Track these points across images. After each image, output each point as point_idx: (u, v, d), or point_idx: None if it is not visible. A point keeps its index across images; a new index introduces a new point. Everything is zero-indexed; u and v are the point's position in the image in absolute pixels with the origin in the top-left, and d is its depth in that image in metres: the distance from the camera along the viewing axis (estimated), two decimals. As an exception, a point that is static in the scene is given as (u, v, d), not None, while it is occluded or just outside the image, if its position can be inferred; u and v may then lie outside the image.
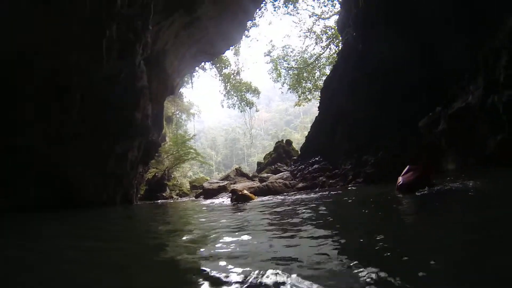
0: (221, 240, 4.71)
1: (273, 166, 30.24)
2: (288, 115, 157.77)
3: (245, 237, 4.75)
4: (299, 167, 22.90)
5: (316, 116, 24.48)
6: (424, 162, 9.05)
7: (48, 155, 14.02)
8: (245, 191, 14.94)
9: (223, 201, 15.86)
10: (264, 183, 20.22)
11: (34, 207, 12.87)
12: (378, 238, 3.70)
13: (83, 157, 15.15)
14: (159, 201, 25.14)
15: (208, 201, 18.18)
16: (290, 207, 9.16)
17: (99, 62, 14.69)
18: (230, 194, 15.06)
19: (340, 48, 26.97)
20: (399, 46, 14.92)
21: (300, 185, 19.09)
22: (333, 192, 13.21)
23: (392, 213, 6.30)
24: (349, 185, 15.77)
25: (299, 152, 27.15)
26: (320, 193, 13.77)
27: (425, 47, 14.46)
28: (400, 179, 8.17)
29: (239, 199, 13.76)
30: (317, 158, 21.36)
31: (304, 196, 13.51)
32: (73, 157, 14.74)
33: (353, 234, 4.51)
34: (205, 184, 25.82)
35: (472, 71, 11.55)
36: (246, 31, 38.96)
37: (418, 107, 13.93)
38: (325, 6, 43.25)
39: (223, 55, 42.51)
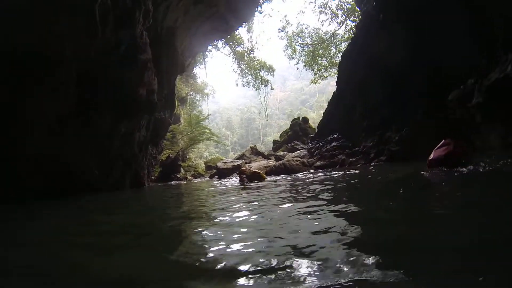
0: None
1: (289, 144, 29.55)
2: (304, 94, 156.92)
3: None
4: (317, 145, 22.07)
5: (334, 92, 23.28)
6: (459, 137, 8.12)
7: (44, 138, 12.70)
8: (255, 170, 14.20)
9: (234, 182, 15.05)
10: (280, 162, 19.51)
11: (32, 197, 11.71)
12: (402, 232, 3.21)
13: (84, 139, 14.03)
14: (172, 182, 24.44)
15: (221, 182, 17.42)
16: (307, 188, 8.23)
17: (94, 32, 13.33)
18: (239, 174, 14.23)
19: (358, 20, 25.69)
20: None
21: (319, 163, 18.32)
22: (356, 171, 12.37)
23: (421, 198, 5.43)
24: (372, 163, 14.95)
25: (316, 130, 26.11)
26: (341, 172, 12.92)
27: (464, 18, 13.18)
28: (432, 154, 7.86)
29: (249, 179, 13.01)
30: (335, 136, 20.37)
31: (322, 174, 12.72)
32: (72, 140, 13.57)
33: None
34: (219, 164, 25.08)
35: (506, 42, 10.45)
36: (258, 7, 38.01)
37: (445, 80, 12.80)
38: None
39: (236, 32, 41.99)
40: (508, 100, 9.60)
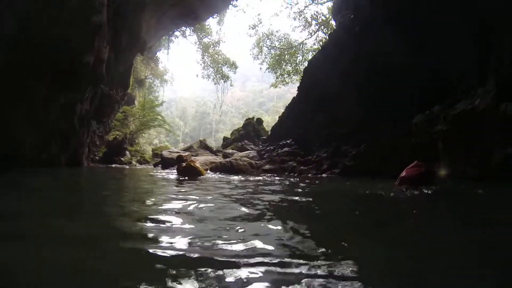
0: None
1: (239, 143, 29.05)
2: (262, 96, 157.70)
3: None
4: (268, 148, 21.52)
5: (294, 97, 22.75)
6: (424, 161, 8.33)
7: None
8: (197, 164, 13.37)
9: (173, 173, 14.25)
10: (227, 159, 18.94)
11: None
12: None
13: (18, 107, 12.72)
14: (113, 165, 23.45)
15: (161, 172, 16.61)
16: (249, 191, 7.67)
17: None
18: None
19: (331, 31, 25.50)
20: (400, 42, 13.54)
21: (267, 167, 17.80)
22: (307, 181, 11.74)
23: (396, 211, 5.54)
24: (323, 175, 14.52)
25: (269, 133, 25.69)
26: (291, 179, 12.44)
27: (426, 45, 13.00)
28: (404, 172, 8.07)
29: (185, 172, 12.25)
30: (288, 141, 19.84)
31: (270, 179, 12.19)
32: (4, 107, 12.27)
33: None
34: (164, 153, 24.12)
35: (478, 73, 10.34)
36: (233, 0, 37.46)
37: (411, 106, 12.62)
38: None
39: (206, 24, 42.46)
40: (470, 132, 9.50)
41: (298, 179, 12.62)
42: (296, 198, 6.69)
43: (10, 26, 11.79)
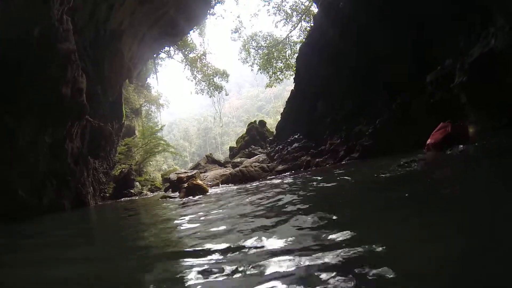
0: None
1: (246, 150, 28.27)
2: (259, 100, 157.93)
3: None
4: (276, 148, 20.73)
5: (292, 90, 21.91)
6: (455, 119, 7.95)
7: None
8: (198, 180, 12.72)
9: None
10: (237, 169, 18.06)
11: None
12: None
13: (1, 153, 11.81)
14: (122, 199, 22.71)
15: (171, 195, 15.82)
16: (263, 202, 6.42)
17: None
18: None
19: (316, 13, 24.76)
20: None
21: (280, 167, 16.98)
22: (325, 173, 10.94)
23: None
24: (342, 162, 13.56)
25: (275, 132, 24.90)
26: (308, 174, 11.54)
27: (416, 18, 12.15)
28: (430, 138, 7.88)
29: (189, 192, 11.60)
30: (296, 136, 18.98)
31: (286, 180, 11.20)
32: None
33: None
34: (172, 176, 23.22)
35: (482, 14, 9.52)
36: (210, 9, 37.01)
37: (417, 67, 11.76)
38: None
39: (188, 38, 42.06)
40: (494, 77, 8.65)
41: (315, 172, 11.79)
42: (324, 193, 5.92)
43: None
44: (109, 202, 21.02)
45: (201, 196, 11.09)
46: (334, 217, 3.59)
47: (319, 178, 9.04)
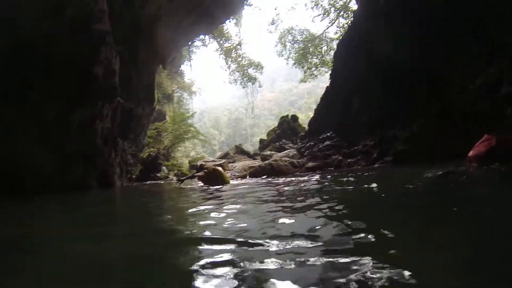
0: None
1: (277, 143, 27.91)
2: (292, 95, 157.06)
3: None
4: (307, 144, 20.31)
5: (327, 86, 21.41)
6: (498, 132, 7.38)
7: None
8: (219, 168, 12.37)
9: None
10: (267, 162, 17.73)
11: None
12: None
13: (26, 130, 11.75)
14: (147, 182, 22.70)
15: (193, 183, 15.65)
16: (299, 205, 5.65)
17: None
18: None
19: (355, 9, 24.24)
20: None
21: (310, 164, 16.61)
22: (356, 175, 10.23)
23: None
24: (375, 165, 13.18)
25: (307, 128, 24.48)
26: (338, 174, 11.09)
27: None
28: (472, 150, 7.47)
29: (209, 179, 11.25)
30: (328, 134, 18.58)
31: (316, 178, 10.64)
32: (11, 131, 11.41)
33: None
34: (199, 163, 23.27)
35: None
36: (247, -1, 36.70)
37: (464, 67, 11.15)
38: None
39: (224, 28, 41.91)
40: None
41: (346, 173, 11.34)
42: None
43: (5, 43, 11.02)
44: (134, 184, 21.06)
45: (221, 186, 10.72)
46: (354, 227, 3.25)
47: (351, 179, 8.67)
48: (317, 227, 3.34)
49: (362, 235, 2.83)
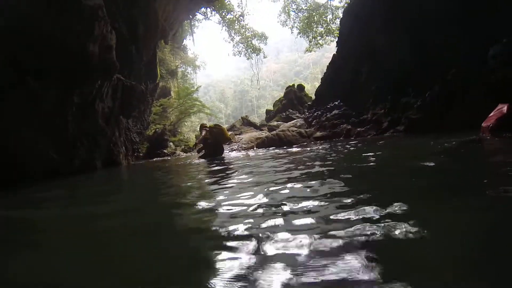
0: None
1: (284, 114, 27.66)
2: (297, 65, 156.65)
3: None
4: (315, 114, 19.90)
5: (334, 54, 20.86)
6: None
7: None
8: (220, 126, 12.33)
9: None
10: (274, 132, 17.48)
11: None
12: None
13: (28, 116, 11.18)
14: (154, 159, 22.51)
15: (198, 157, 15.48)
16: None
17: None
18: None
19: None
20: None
21: (319, 134, 16.29)
22: (367, 145, 9.97)
23: None
24: (386, 134, 12.75)
25: (314, 97, 23.96)
26: (348, 144, 10.66)
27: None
28: (489, 119, 7.15)
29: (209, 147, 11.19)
30: (336, 103, 18.12)
31: (326, 147, 10.39)
32: (13, 119, 10.83)
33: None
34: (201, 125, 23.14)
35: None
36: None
37: (479, 37, 10.56)
38: None
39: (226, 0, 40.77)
40: None
41: (356, 142, 10.97)
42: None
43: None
44: (142, 161, 20.88)
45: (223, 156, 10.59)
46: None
47: (362, 149, 8.33)
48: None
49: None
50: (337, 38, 22.67)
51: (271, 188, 4.22)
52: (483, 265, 1.67)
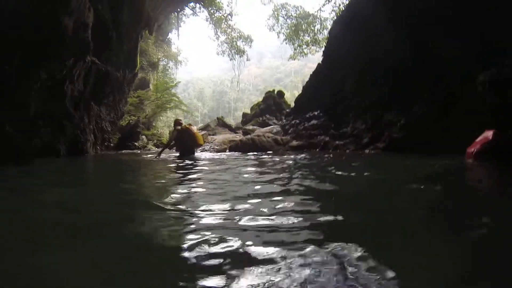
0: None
1: (260, 118, 27.49)
2: (279, 72, 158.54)
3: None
4: (292, 122, 19.54)
5: (318, 64, 20.39)
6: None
7: None
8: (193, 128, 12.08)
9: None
10: (249, 136, 17.10)
11: None
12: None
13: None
14: (123, 151, 21.95)
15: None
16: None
17: None
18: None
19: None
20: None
21: (295, 142, 15.95)
22: (345, 158, 9.91)
23: None
24: (366, 150, 12.36)
25: (293, 105, 23.61)
26: (325, 156, 10.54)
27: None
28: (474, 144, 7.09)
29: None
30: (316, 113, 17.74)
31: (302, 157, 10.13)
32: None
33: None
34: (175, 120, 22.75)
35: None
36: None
37: (472, 57, 10.27)
38: None
39: None
40: None
41: (333, 156, 10.78)
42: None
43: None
44: (111, 152, 20.27)
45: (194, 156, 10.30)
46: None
47: (342, 165, 8.05)
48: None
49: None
50: (323, 48, 22.47)
51: (232, 198, 3.91)
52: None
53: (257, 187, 4.79)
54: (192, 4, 40.08)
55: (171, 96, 39.31)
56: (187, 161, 9.89)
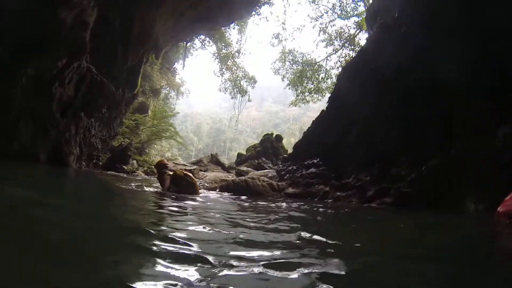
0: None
1: (256, 161, 26.79)
2: (278, 118, 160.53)
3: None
4: (289, 168, 18.58)
5: (323, 110, 19.80)
6: None
7: None
8: (190, 174, 11.08)
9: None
10: (242, 178, 16.16)
11: None
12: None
13: None
14: (109, 172, 20.94)
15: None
16: None
17: None
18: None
19: (368, 35, 23.12)
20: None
21: (291, 190, 15.05)
22: (348, 215, 9.07)
23: None
24: (371, 204, 11.39)
25: (292, 151, 22.83)
26: (327, 209, 9.62)
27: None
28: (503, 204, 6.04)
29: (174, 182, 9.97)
30: (315, 161, 16.87)
31: (303, 210, 9.30)
32: None
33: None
34: (170, 165, 21.88)
35: None
36: (256, 8, 35.85)
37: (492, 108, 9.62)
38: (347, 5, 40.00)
39: (227, 34, 42.19)
40: None
41: (335, 208, 10.00)
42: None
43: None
44: (97, 171, 19.32)
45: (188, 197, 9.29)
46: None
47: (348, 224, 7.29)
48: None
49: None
50: (325, 97, 22.24)
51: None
52: None
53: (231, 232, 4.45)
54: (202, 36, 40.46)
55: (168, 125, 39.09)
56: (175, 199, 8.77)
